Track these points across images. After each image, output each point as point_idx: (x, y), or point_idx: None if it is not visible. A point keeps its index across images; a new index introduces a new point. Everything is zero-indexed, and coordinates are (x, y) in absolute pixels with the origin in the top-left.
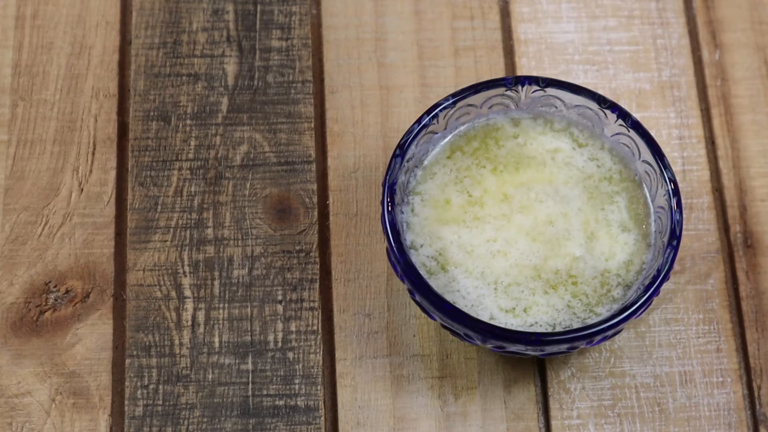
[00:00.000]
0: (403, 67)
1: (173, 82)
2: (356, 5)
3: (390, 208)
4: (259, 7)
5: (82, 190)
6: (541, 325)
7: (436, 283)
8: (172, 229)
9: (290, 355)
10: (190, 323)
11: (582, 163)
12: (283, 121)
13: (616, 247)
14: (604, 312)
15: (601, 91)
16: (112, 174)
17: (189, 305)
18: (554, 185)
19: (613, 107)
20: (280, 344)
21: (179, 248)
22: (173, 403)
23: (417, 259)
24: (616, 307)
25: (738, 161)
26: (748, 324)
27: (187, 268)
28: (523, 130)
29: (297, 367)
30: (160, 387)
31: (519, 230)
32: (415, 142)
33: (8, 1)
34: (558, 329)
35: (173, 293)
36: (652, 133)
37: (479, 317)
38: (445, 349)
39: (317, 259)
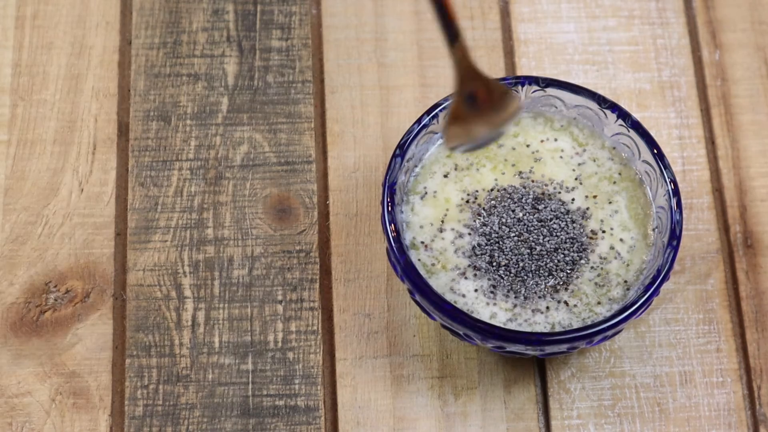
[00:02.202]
0: (403, 67)
1: (173, 82)
2: (356, 5)
3: (390, 208)
4: (259, 7)
5: (82, 190)
6: (540, 324)
7: (436, 283)
8: (172, 229)
9: (290, 355)
10: (190, 323)
11: (582, 162)
12: (283, 121)
13: (615, 247)
14: (604, 312)
15: (601, 91)
16: (112, 174)
17: (189, 305)
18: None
19: (613, 107)
20: (280, 344)
21: (179, 248)
22: (173, 403)
23: (417, 258)
24: (616, 307)
25: (738, 161)
26: (748, 324)
27: (187, 268)
28: (522, 129)
29: (297, 367)
30: (160, 387)
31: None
32: (415, 142)
33: (8, 1)
34: (558, 329)
35: (173, 293)
36: (652, 133)
37: (479, 317)
38: (445, 349)
39: (317, 259)
